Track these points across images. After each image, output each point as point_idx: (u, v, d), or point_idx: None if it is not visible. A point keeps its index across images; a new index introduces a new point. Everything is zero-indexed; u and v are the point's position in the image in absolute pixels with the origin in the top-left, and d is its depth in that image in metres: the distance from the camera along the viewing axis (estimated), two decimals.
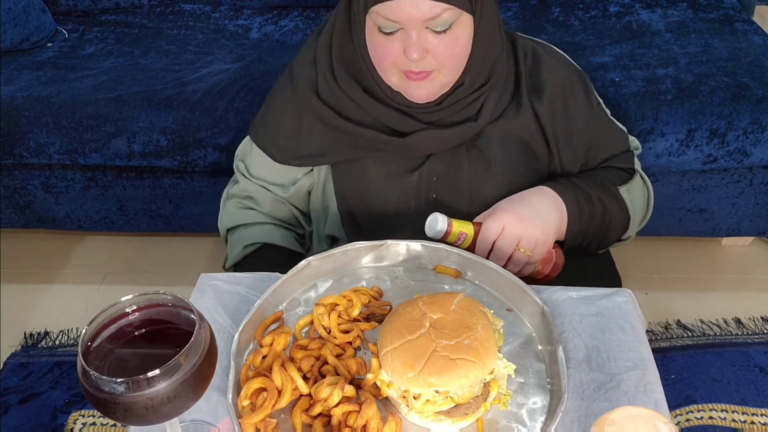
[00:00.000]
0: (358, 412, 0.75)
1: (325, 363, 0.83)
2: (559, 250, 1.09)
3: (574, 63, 1.16)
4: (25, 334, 1.89)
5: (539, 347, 0.87)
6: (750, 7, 2.23)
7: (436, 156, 1.09)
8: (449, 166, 1.09)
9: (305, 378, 0.81)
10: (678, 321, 1.82)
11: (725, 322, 1.82)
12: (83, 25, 2.26)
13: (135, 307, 0.69)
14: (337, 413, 0.76)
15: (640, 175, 1.18)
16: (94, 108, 1.82)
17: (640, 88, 1.72)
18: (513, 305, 0.92)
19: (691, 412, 1.57)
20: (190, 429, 0.79)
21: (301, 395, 0.79)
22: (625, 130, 1.19)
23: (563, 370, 0.79)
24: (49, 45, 2.15)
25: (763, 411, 1.57)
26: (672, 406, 1.56)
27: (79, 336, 0.83)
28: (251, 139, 1.18)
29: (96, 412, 1.63)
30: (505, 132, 1.08)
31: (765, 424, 1.55)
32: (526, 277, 1.03)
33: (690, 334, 1.79)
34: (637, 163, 1.19)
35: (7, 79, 1.94)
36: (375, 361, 0.80)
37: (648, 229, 1.97)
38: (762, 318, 1.82)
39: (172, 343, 0.64)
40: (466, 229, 1.00)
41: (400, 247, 0.99)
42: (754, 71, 1.75)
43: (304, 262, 0.95)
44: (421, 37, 0.93)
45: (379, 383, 0.79)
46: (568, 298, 0.93)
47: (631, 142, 1.20)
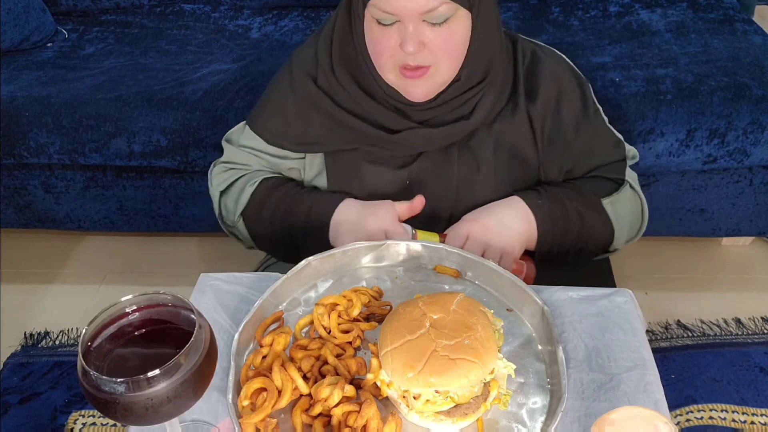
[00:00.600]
0: (358, 412, 0.75)
1: (325, 363, 0.83)
2: (530, 262, 1.09)
3: (575, 68, 1.15)
4: (25, 334, 1.89)
5: (539, 347, 0.87)
6: (750, 7, 2.23)
7: (428, 154, 1.09)
8: (439, 164, 1.09)
9: (305, 378, 0.81)
10: (678, 321, 1.82)
11: (725, 322, 1.82)
12: (83, 25, 2.27)
13: (135, 307, 0.69)
14: (337, 413, 0.76)
15: (631, 186, 1.15)
16: (94, 108, 1.82)
17: (639, 88, 1.72)
18: (513, 305, 0.92)
19: (691, 412, 1.57)
20: (190, 429, 0.79)
21: (301, 395, 0.79)
22: (621, 139, 1.17)
23: (563, 370, 0.79)
24: (49, 45, 2.15)
25: (763, 411, 1.57)
26: (672, 406, 1.56)
27: (79, 336, 0.83)
28: (247, 123, 1.18)
29: (96, 412, 1.63)
30: (499, 136, 1.08)
31: (765, 424, 1.55)
32: None
33: (690, 334, 1.79)
34: (631, 173, 1.17)
35: (7, 79, 1.94)
36: (375, 361, 0.80)
37: (648, 229, 1.97)
38: (762, 318, 1.82)
39: (172, 343, 0.64)
40: (432, 239, 1.03)
41: (400, 247, 0.99)
42: (754, 71, 1.75)
43: (304, 262, 0.95)
44: (418, 30, 0.94)
45: (379, 383, 0.79)
46: (568, 298, 0.93)
47: (628, 151, 1.17)
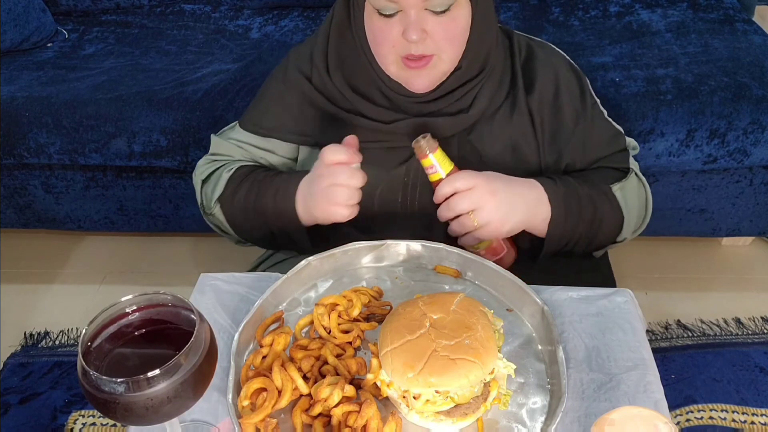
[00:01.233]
0: (358, 412, 0.75)
1: (325, 363, 0.83)
2: (511, 250, 1.08)
3: (571, 61, 1.15)
4: (25, 334, 1.89)
5: (539, 347, 0.87)
6: (750, 7, 2.23)
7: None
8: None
9: (305, 378, 0.81)
10: (678, 321, 1.82)
11: (725, 322, 1.82)
12: (83, 26, 2.27)
13: (135, 307, 0.69)
14: (337, 413, 0.76)
15: (636, 175, 1.15)
16: (94, 108, 1.82)
17: (640, 88, 1.72)
18: (513, 305, 0.92)
19: (691, 412, 1.57)
20: (190, 429, 0.79)
21: (301, 395, 0.79)
22: (621, 131, 1.17)
23: (563, 370, 0.79)
24: (49, 45, 2.15)
25: (763, 411, 1.57)
26: (672, 406, 1.56)
27: (79, 336, 0.83)
28: (239, 122, 1.18)
29: (96, 412, 1.63)
30: (499, 131, 1.08)
31: (765, 424, 1.55)
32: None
33: (690, 334, 1.79)
34: (634, 163, 1.17)
35: (7, 79, 1.94)
36: (375, 361, 0.80)
37: (648, 229, 1.97)
38: (762, 318, 1.82)
39: (172, 343, 0.64)
40: (444, 164, 1.00)
41: (400, 247, 0.99)
42: (754, 71, 1.75)
43: (304, 262, 0.95)
44: (421, 18, 0.94)
45: (379, 383, 0.79)
46: (568, 298, 0.93)
47: (628, 143, 1.17)
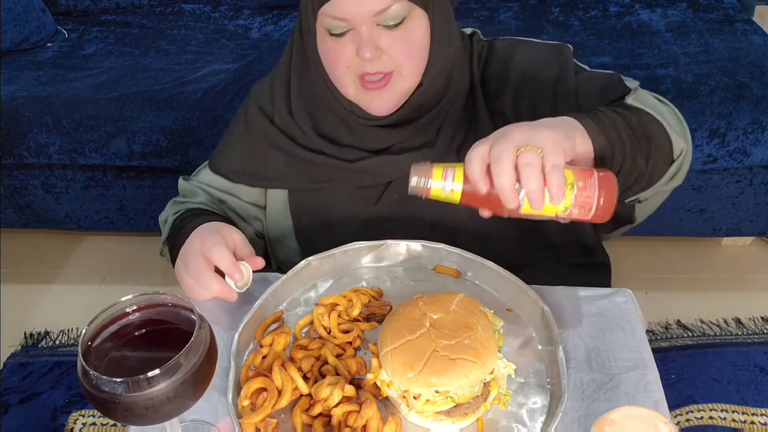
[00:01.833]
0: (358, 412, 0.75)
1: (325, 363, 0.83)
2: (607, 173, 0.75)
3: (547, 43, 1.05)
4: (25, 334, 1.89)
5: (539, 347, 0.87)
6: (750, 7, 2.23)
7: (396, 184, 1.03)
8: (407, 195, 1.00)
9: (305, 378, 0.81)
10: (678, 321, 1.83)
11: (725, 322, 1.82)
12: (83, 25, 2.27)
13: (135, 307, 0.69)
14: (337, 413, 0.76)
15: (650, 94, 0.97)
16: (94, 108, 1.82)
17: None
18: (513, 305, 0.92)
19: (691, 412, 1.57)
20: (190, 429, 0.79)
21: (301, 395, 0.79)
22: (612, 73, 1.01)
23: (563, 370, 0.79)
24: (49, 45, 2.15)
25: (763, 411, 1.57)
26: (672, 406, 1.56)
27: (79, 336, 0.83)
28: (208, 164, 1.14)
29: (96, 412, 1.63)
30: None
31: (765, 424, 1.55)
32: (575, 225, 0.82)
33: (690, 334, 1.79)
34: (634, 82, 0.99)
35: (7, 79, 1.94)
36: (375, 361, 0.80)
37: (648, 228, 1.97)
38: (762, 318, 1.83)
39: (172, 343, 0.64)
40: (453, 176, 0.76)
41: (400, 247, 0.99)
42: (754, 71, 1.75)
43: (304, 262, 0.95)
44: (373, 34, 0.89)
45: (379, 383, 0.79)
46: (568, 298, 0.93)
47: (629, 81, 0.99)
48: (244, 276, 0.89)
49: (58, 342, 1.87)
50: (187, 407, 0.66)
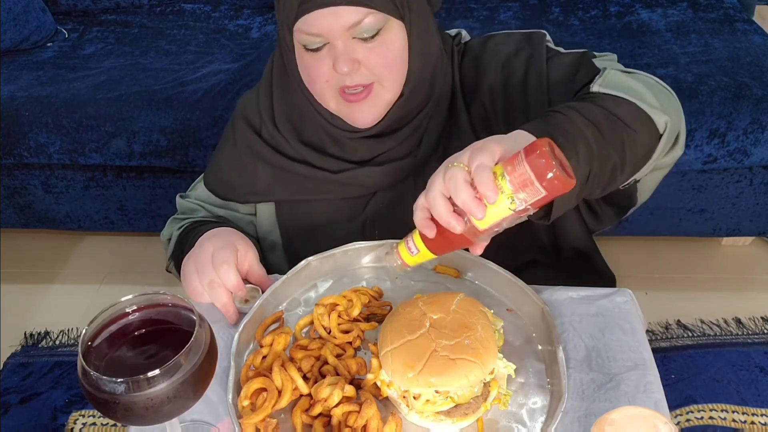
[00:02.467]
0: (358, 412, 0.75)
1: (325, 363, 0.83)
2: (533, 143, 0.68)
3: (522, 33, 1.02)
4: (25, 334, 1.89)
5: (539, 347, 0.87)
6: (750, 7, 2.23)
7: (381, 194, 1.03)
8: (395, 204, 1.03)
9: (305, 378, 0.81)
10: (678, 321, 1.83)
11: (725, 322, 1.82)
12: (83, 25, 2.27)
13: (135, 307, 0.69)
14: (337, 413, 0.76)
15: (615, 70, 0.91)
16: (94, 108, 1.82)
17: None
18: (513, 305, 0.92)
19: (691, 412, 1.57)
20: (190, 429, 0.79)
21: (301, 395, 0.79)
22: (584, 51, 0.97)
23: (563, 370, 0.79)
24: (49, 45, 2.15)
25: (763, 411, 1.57)
26: (672, 406, 1.56)
27: (79, 336, 0.83)
28: (203, 180, 1.15)
29: (96, 412, 1.63)
30: None
31: (765, 424, 1.55)
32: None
33: (690, 334, 1.79)
34: (609, 57, 0.96)
35: (7, 78, 1.94)
36: (375, 361, 0.80)
37: (648, 228, 1.97)
38: (762, 318, 1.83)
39: (172, 343, 0.64)
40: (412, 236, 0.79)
41: None
42: (754, 71, 1.75)
43: (304, 263, 0.95)
44: (349, 48, 0.88)
45: (379, 383, 0.79)
46: (568, 298, 0.93)
47: (601, 59, 0.95)
48: (248, 298, 0.92)
49: (58, 342, 1.87)
50: (187, 407, 0.66)
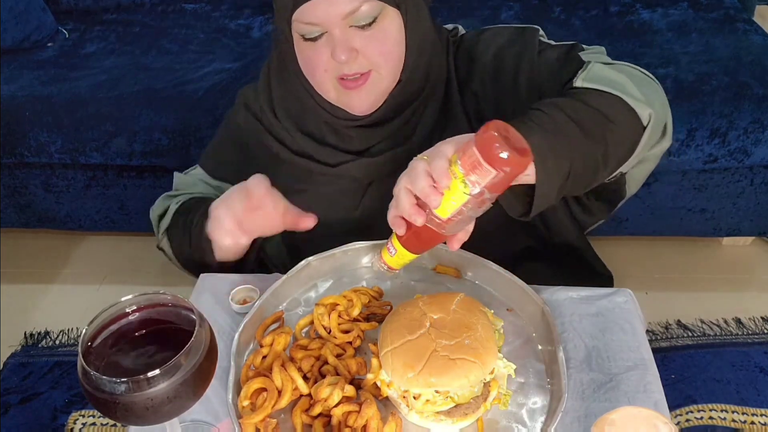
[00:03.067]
0: (358, 412, 0.75)
1: (325, 363, 0.83)
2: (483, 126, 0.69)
3: (516, 27, 1.03)
4: (25, 334, 1.89)
5: (539, 347, 0.87)
6: (750, 6, 2.23)
7: (376, 187, 1.04)
8: (389, 196, 1.03)
9: (305, 378, 0.81)
10: (678, 321, 1.82)
11: (725, 322, 1.82)
12: (84, 24, 2.27)
13: (135, 307, 0.69)
14: (337, 413, 0.76)
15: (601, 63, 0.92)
16: (94, 107, 1.82)
17: None
18: (513, 305, 0.92)
19: (691, 412, 1.57)
20: (190, 429, 0.79)
21: (301, 395, 0.79)
22: (574, 44, 0.98)
23: (563, 370, 0.79)
24: (49, 44, 2.15)
25: (763, 411, 1.57)
26: (672, 406, 1.56)
27: (79, 336, 0.83)
28: (199, 163, 1.17)
29: (96, 412, 1.63)
30: None
31: (765, 424, 1.54)
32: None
33: (690, 334, 1.79)
34: (597, 50, 0.97)
35: (7, 78, 1.94)
36: (375, 361, 0.80)
37: (648, 228, 1.97)
38: (762, 318, 1.82)
39: (172, 343, 0.64)
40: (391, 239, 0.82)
41: None
42: (754, 71, 1.75)
43: (304, 262, 0.95)
44: (346, 36, 0.89)
45: (379, 383, 0.79)
46: (568, 298, 0.93)
47: (588, 53, 0.95)
48: (248, 298, 0.94)
49: (58, 342, 1.87)
50: (187, 407, 0.66)
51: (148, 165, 1.88)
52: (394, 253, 0.82)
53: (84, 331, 0.66)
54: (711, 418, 1.56)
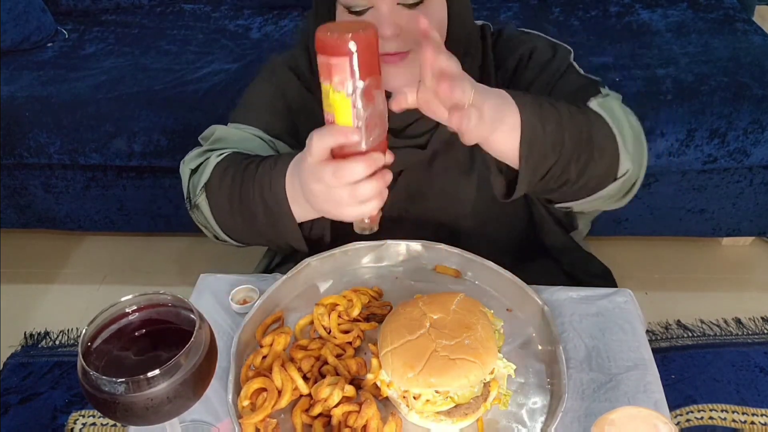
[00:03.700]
0: (358, 412, 0.75)
1: (325, 363, 0.83)
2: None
3: (551, 40, 1.08)
4: (25, 334, 1.89)
5: (539, 347, 0.87)
6: (750, 7, 2.23)
7: (409, 170, 1.03)
8: (421, 179, 1.03)
9: (305, 378, 0.81)
10: (678, 321, 1.82)
11: (725, 322, 1.82)
12: (83, 25, 2.27)
13: (135, 307, 0.69)
14: (337, 413, 0.76)
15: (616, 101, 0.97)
16: (94, 108, 1.82)
17: (640, 88, 1.72)
18: (513, 305, 0.92)
19: (691, 412, 1.57)
20: (190, 429, 0.79)
21: (301, 395, 0.79)
22: (596, 79, 1.03)
23: (563, 370, 0.79)
24: (49, 45, 2.15)
25: (763, 411, 1.57)
26: (672, 406, 1.56)
27: (79, 336, 0.83)
28: (230, 121, 1.11)
29: (96, 412, 1.63)
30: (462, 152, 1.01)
31: (765, 424, 1.54)
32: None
33: (690, 334, 1.79)
34: (612, 93, 1.00)
35: (7, 79, 1.94)
36: (375, 361, 0.80)
37: (648, 228, 1.97)
38: (762, 318, 1.82)
39: (172, 343, 0.64)
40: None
41: (400, 247, 0.99)
42: (754, 71, 1.75)
43: (304, 263, 0.95)
44: (393, 12, 0.88)
45: (379, 383, 0.79)
46: (568, 298, 0.93)
47: (609, 93, 1.00)
48: (247, 298, 0.94)
49: (58, 342, 1.87)
50: (187, 407, 0.66)
51: (148, 165, 1.88)
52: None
53: (84, 331, 0.66)
54: (711, 418, 1.56)
